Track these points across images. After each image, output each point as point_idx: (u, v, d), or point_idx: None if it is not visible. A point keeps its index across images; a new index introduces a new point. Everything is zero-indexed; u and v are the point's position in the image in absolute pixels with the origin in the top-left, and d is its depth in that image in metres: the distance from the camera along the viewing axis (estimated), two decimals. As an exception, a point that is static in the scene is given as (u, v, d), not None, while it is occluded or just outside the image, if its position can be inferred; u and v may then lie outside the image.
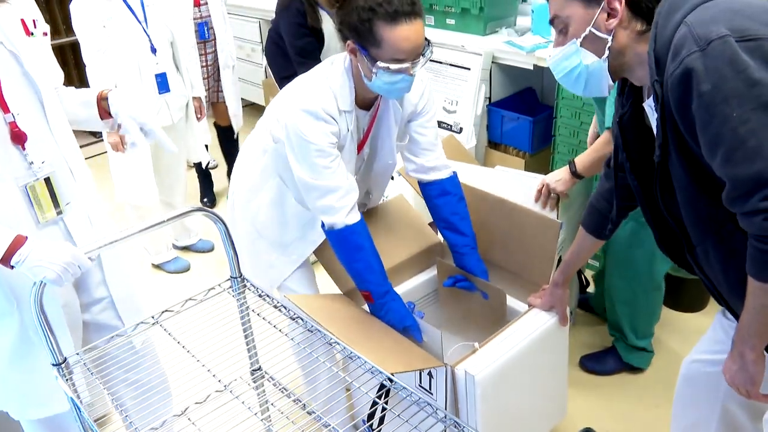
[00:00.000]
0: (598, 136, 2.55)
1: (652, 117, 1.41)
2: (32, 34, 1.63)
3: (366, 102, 1.92)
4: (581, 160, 2.25)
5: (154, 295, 3.47)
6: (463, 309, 2.13)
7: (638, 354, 2.71)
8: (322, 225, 1.89)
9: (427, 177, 2.06)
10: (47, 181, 1.63)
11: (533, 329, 1.82)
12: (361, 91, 1.86)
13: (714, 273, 1.43)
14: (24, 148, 1.59)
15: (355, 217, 1.86)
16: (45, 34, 1.67)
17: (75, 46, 5.18)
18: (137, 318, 1.86)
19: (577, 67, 1.40)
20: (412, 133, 2.04)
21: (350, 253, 1.88)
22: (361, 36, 1.71)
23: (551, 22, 1.43)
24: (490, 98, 3.56)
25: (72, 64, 5.22)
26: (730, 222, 1.31)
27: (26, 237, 1.51)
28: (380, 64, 1.70)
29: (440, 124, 3.70)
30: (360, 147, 1.99)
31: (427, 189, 2.08)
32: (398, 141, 2.03)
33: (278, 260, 2.13)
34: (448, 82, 3.68)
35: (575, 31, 1.37)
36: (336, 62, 1.88)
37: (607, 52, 1.36)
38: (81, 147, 1.81)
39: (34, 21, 1.64)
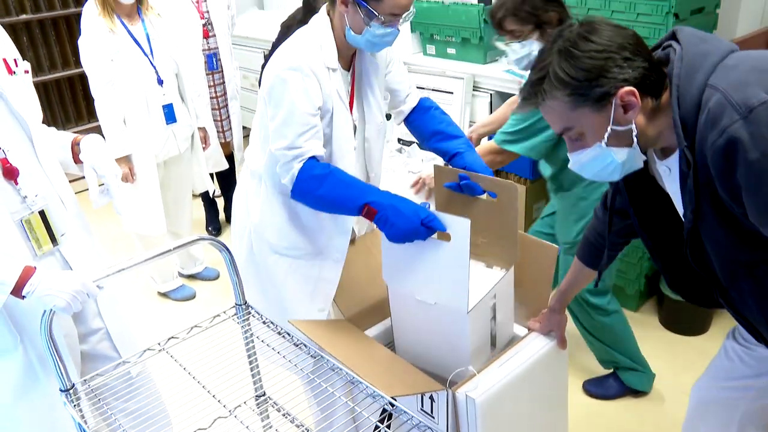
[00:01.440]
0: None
1: (667, 177, 1.42)
2: (14, 72, 1.68)
3: (344, 62, 1.98)
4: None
5: (159, 322, 3.51)
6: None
7: (637, 375, 2.74)
8: (291, 191, 1.88)
9: (409, 111, 2.18)
10: (42, 214, 1.68)
11: (533, 353, 1.83)
12: (341, 48, 1.94)
13: (751, 312, 1.42)
14: (17, 183, 1.63)
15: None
16: (26, 72, 1.72)
17: (84, 78, 5.26)
18: (132, 349, 1.89)
19: (610, 164, 1.36)
20: (391, 86, 2.13)
21: (319, 184, 1.81)
22: None
23: (560, 134, 1.38)
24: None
25: (81, 96, 5.29)
26: (762, 264, 1.32)
27: (35, 267, 1.55)
28: (380, 16, 1.79)
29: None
30: (350, 110, 2.02)
31: (410, 118, 2.18)
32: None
33: (323, 270, 2.13)
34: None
35: (595, 137, 1.33)
36: (316, 21, 1.94)
37: (635, 139, 1.32)
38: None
39: (15, 60, 1.69)
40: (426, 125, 2.13)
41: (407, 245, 1.74)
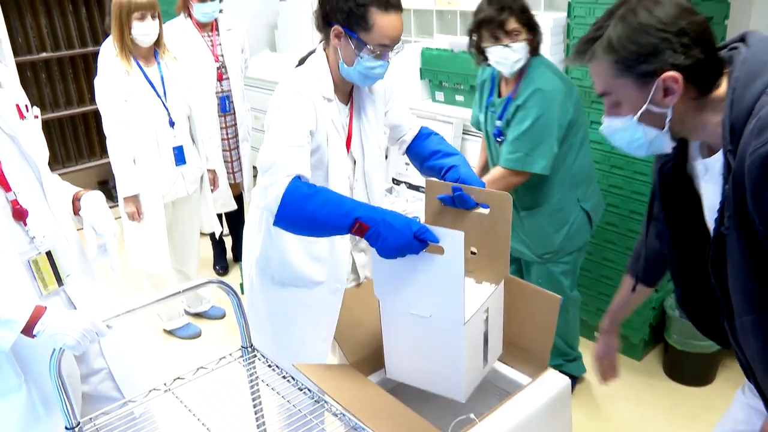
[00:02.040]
0: (486, 166, 2.91)
1: (703, 176, 1.40)
2: (25, 117, 1.73)
3: (342, 96, 2.04)
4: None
5: (164, 360, 3.52)
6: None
7: (576, 363, 3.05)
8: (275, 219, 1.80)
9: (411, 139, 2.26)
10: (48, 254, 1.71)
11: (535, 401, 1.84)
12: (338, 82, 2.00)
13: (750, 349, 1.40)
14: (26, 224, 1.67)
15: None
16: (36, 117, 1.78)
17: (98, 115, 5.35)
18: (135, 389, 1.91)
19: (637, 139, 1.36)
20: (394, 122, 2.20)
21: (308, 203, 1.75)
22: (353, 21, 1.86)
23: (600, 94, 1.38)
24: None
25: (95, 132, 5.37)
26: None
27: (45, 307, 1.58)
28: (369, 47, 1.86)
29: (418, 188, 3.95)
30: (348, 145, 2.06)
31: (411, 145, 2.25)
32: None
33: (324, 299, 2.15)
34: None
35: (630, 109, 1.33)
36: (312, 57, 2.01)
37: (667, 125, 1.32)
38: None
39: (26, 105, 1.75)
40: (425, 148, 2.20)
41: (399, 260, 1.71)
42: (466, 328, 1.74)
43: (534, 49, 2.51)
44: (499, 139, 2.65)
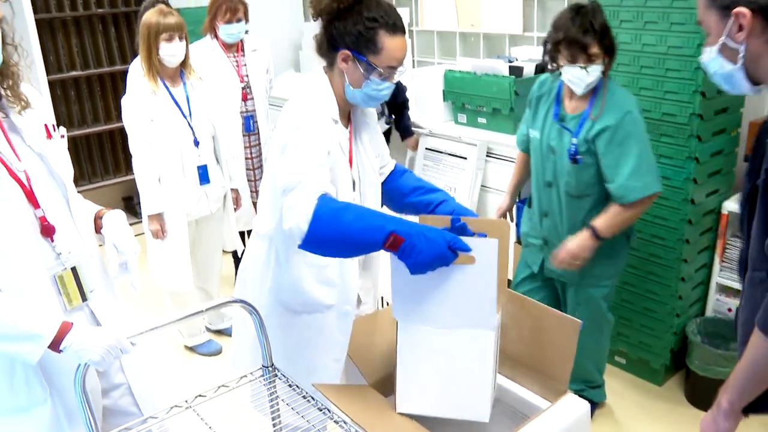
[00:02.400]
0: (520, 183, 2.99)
1: None
2: (53, 137, 1.78)
3: (342, 119, 2.05)
4: (606, 225, 2.51)
5: (184, 376, 3.54)
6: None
7: (599, 390, 3.02)
8: (304, 238, 1.75)
9: (388, 173, 2.27)
10: (73, 270, 1.74)
11: (553, 425, 1.84)
12: (340, 105, 2.02)
13: (742, 305, 1.45)
14: (53, 240, 1.70)
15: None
16: (62, 136, 1.82)
17: (125, 132, 5.44)
18: (153, 405, 1.93)
19: (716, 71, 1.44)
20: (377, 150, 2.20)
21: (339, 217, 1.73)
22: (362, 44, 1.88)
23: (698, 23, 1.47)
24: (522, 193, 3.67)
25: (120, 148, 5.45)
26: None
27: (72, 323, 1.61)
28: (378, 69, 1.89)
29: None
30: (350, 164, 2.08)
31: (388, 180, 2.25)
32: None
33: (336, 322, 2.15)
34: (447, 170, 3.89)
35: (713, 39, 1.40)
36: (314, 80, 2.02)
37: (740, 61, 1.37)
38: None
39: (53, 125, 1.79)
40: (405, 184, 2.22)
41: (423, 276, 1.70)
42: (493, 335, 1.75)
43: (607, 68, 2.53)
44: (575, 158, 2.59)
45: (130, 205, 5.55)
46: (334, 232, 1.73)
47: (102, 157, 5.41)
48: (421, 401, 1.87)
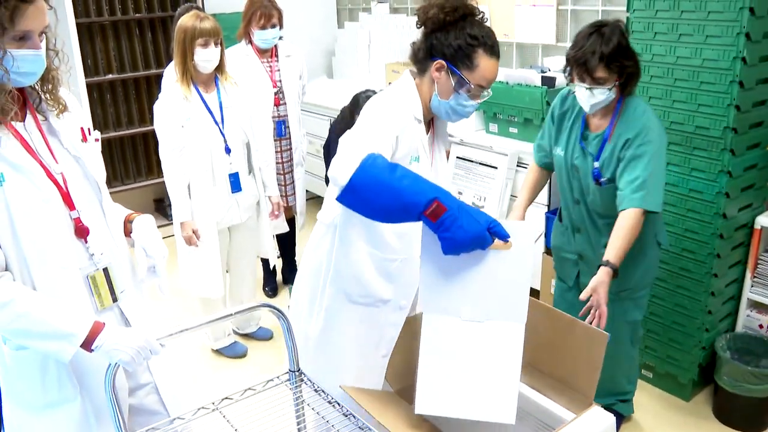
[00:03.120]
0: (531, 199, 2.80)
1: None
2: (87, 140, 1.81)
3: (425, 124, 2.11)
4: (616, 255, 2.37)
5: (209, 379, 3.58)
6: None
7: (627, 403, 2.97)
8: (347, 185, 1.74)
9: None
10: (105, 271, 1.78)
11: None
12: (424, 111, 2.08)
13: None
14: (86, 242, 1.74)
15: None
16: (97, 140, 1.86)
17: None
18: (178, 405, 1.96)
19: None
20: None
21: (388, 171, 1.71)
22: (458, 58, 1.95)
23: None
24: (551, 202, 3.65)
25: (153, 151, 5.52)
26: None
27: (104, 323, 1.64)
28: (469, 85, 1.95)
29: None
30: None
31: None
32: None
33: (389, 315, 2.18)
34: (477, 179, 3.90)
35: None
36: (402, 83, 2.09)
37: None
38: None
39: (89, 129, 1.83)
40: None
41: (454, 262, 1.68)
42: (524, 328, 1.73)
43: (623, 89, 2.47)
44: (599, 181, 2.56)
45: (161, 207, 5.61)
46: (376, 183, 1.70)
47: (135, 159, 5.49)
48: (442, 401, 1.81)
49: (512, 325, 1.75)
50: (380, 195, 1.70)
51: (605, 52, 2.37)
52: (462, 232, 1.62)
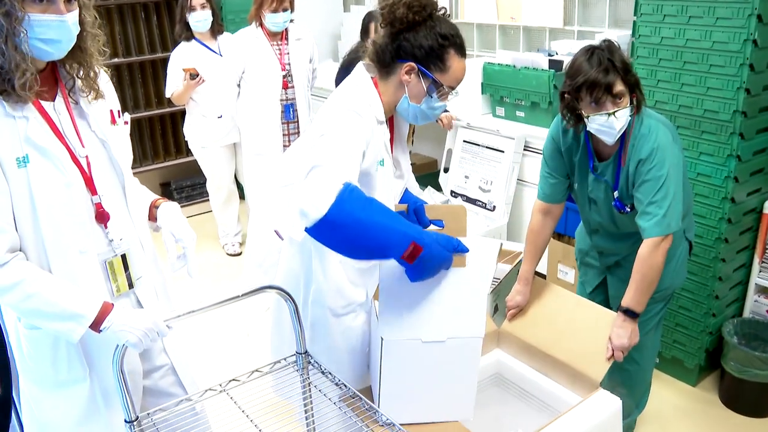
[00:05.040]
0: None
1: None
2: (116, 123, 1.80)
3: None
4: (636, 300, 2.21)
5: (219, 361, 3.59)
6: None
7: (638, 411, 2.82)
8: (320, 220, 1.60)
9: None
10: (123, 257, 1.77)
11: (585, 421, 1.83)
12: (384, 110, 1.98)
13: None
14: (106, 227, 1.73)
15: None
16: (126, 123, 1.85)
17: (163, 119, 5.51)
18: (192, 386, 1.97)
19: None
20: None
21: (367, 206, 1.64)
22: (431, 60, 1.86)
23: None
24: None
25: (159, 134, 5.54)
26: None
27: (113, 304, 1.65)
28: (443, 87, 1.88)
29: (475, 202, 3.94)
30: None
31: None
32: None
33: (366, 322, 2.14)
34: (484, 163, 3.91)
35: None
36: (358, 81, 1.98)
37: None
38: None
39: (119, 112, 1.82)
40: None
41: (417, 284, 1.69)
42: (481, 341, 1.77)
43: (637, 107, 2.26)
44: (623, 211, 2.39)
45: (168, 191, 5.62)
46: (354, 221, 1.61)
47: (141, 143, 5.49)
48: (403, 410, 1.86)
49: (471, 340, 1.78)
50: (355, 235, 1.62)
51: (619, 65, 2.17)
52: (430, 264, 1.64)
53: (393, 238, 1.60)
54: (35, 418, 1.83)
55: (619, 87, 2.17)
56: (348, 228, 1.61)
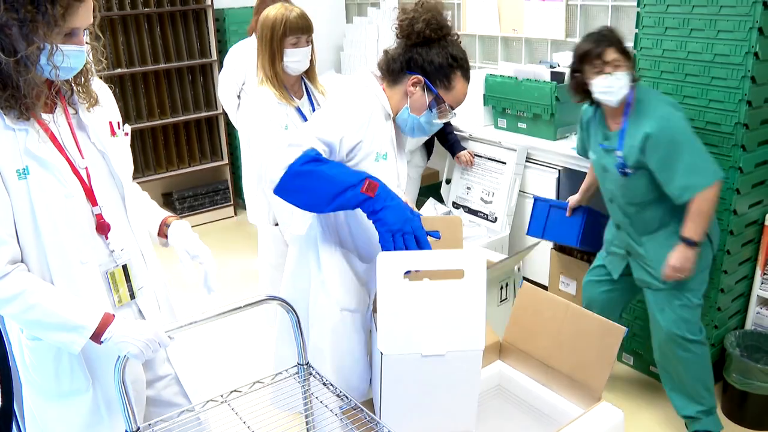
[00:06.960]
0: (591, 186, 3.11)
1: None
2: (116, 135, 1.81)
3: None
4: (693, 230, 2.53)
5: (220, 372, 3.58)
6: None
7: (713, 416, 2.83)
8: (283, 176, 1.86)
9: None
10: (124, 268, 1.78)
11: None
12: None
13: None
14: (107, 238, 1.74)
15: None
16: (126, 134, 1.85)
17: (165, 129, 5.52)
18: (196, 396, 1.96)
19: None
20: None
21: (322, 163, 1.85)
22: (438, 77, 1.95)
23: None
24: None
25: (161, 145, 5.54)
26: None
27: (114, 315, 1.65)
28: (445, 104, 1.96)
29: (477, 213, 3.93)
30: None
31: None
32: None
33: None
34: (486, 174, 3.91)
35: None
36: (365, 81, 2.07)
37: None
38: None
39: (118, 123, 1.83)
40: None
41: (415, 298, 1.72)
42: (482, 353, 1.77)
43: (634, 78, 2.57)
44: (624, 171, 2.61)
45: (169, 201, 5.63)
46: (310, 174, 1.83)
47: (144, 154, 5.51)
48: (405, 423, 1.87)
49: (471, 352, 1.79)
50: (316, 184, 1.84)
51: (610, 38, 2.54)
52: (393, 206, 1.81)
53: (348, 178, 1.82)
54: (38, 428, 1.83)
55: (612, 55, 2.52)
56: (310, 177, 1.83)
